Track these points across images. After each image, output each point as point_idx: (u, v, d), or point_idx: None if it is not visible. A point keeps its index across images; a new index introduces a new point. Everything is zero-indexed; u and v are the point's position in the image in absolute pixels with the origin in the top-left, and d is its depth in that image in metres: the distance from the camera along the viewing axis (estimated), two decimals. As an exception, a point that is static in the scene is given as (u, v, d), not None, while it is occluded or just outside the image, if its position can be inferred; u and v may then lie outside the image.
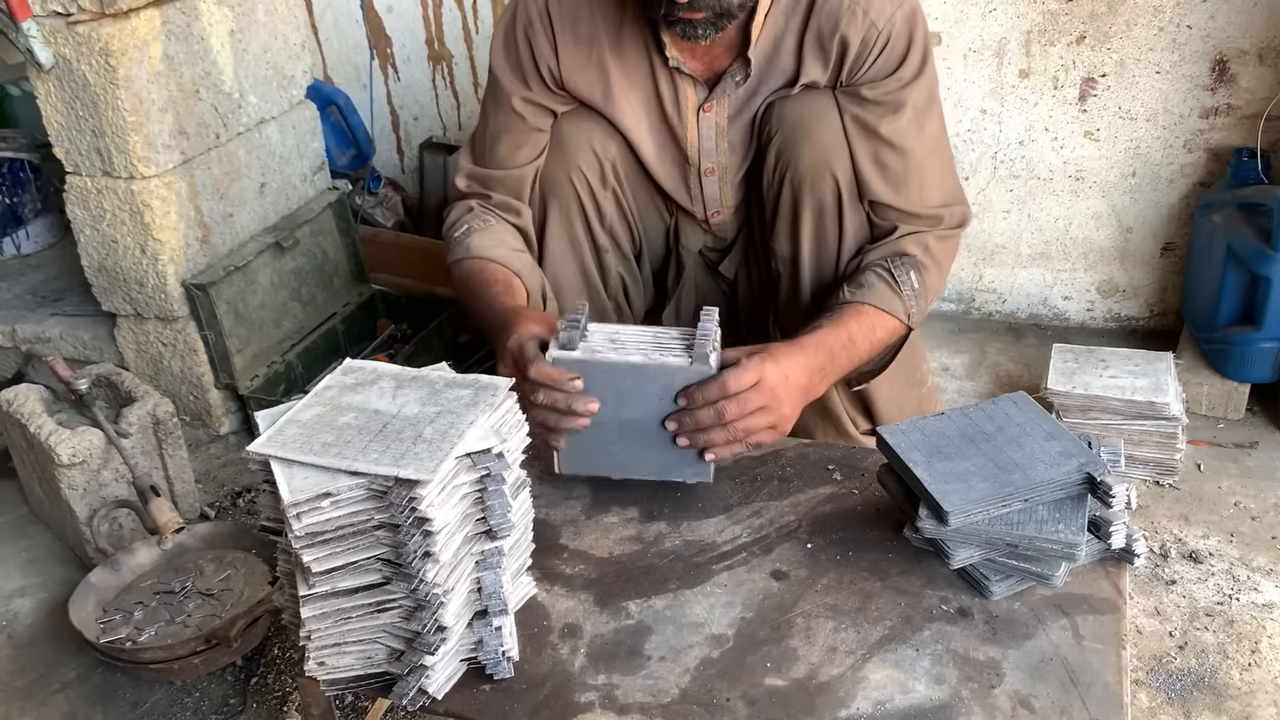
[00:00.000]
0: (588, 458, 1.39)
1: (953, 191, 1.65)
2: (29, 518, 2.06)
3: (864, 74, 1.56)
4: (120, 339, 2.28)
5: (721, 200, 1.75)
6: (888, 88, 1.57)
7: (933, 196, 1.61)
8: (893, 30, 1.54)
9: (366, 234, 2.70)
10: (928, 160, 1.61)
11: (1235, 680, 1.53)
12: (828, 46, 1.56)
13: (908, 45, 1.56)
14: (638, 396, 1.32)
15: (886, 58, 1.56)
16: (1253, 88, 2.23)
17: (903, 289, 1.55)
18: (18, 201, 2.73)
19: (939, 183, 1.63)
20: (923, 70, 1.58)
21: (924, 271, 1.58)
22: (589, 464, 1.40)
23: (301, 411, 1.16)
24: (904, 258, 1.57)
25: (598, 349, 1.32)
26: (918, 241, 1.59)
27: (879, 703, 1.08)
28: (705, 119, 1.66)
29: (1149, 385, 1.95)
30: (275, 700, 1.60)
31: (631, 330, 1.37)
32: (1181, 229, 2.38)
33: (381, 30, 2.91)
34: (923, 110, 1.59)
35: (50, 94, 2.02)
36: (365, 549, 1.08)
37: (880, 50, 1.55)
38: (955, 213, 1.64)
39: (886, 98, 1.57)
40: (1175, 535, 1.82)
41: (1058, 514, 1.18)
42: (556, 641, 1.20)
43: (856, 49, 1.55)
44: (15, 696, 1.65)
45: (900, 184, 1.59)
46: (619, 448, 1.36)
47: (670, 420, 1.33)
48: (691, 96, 1.64)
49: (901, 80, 1.57)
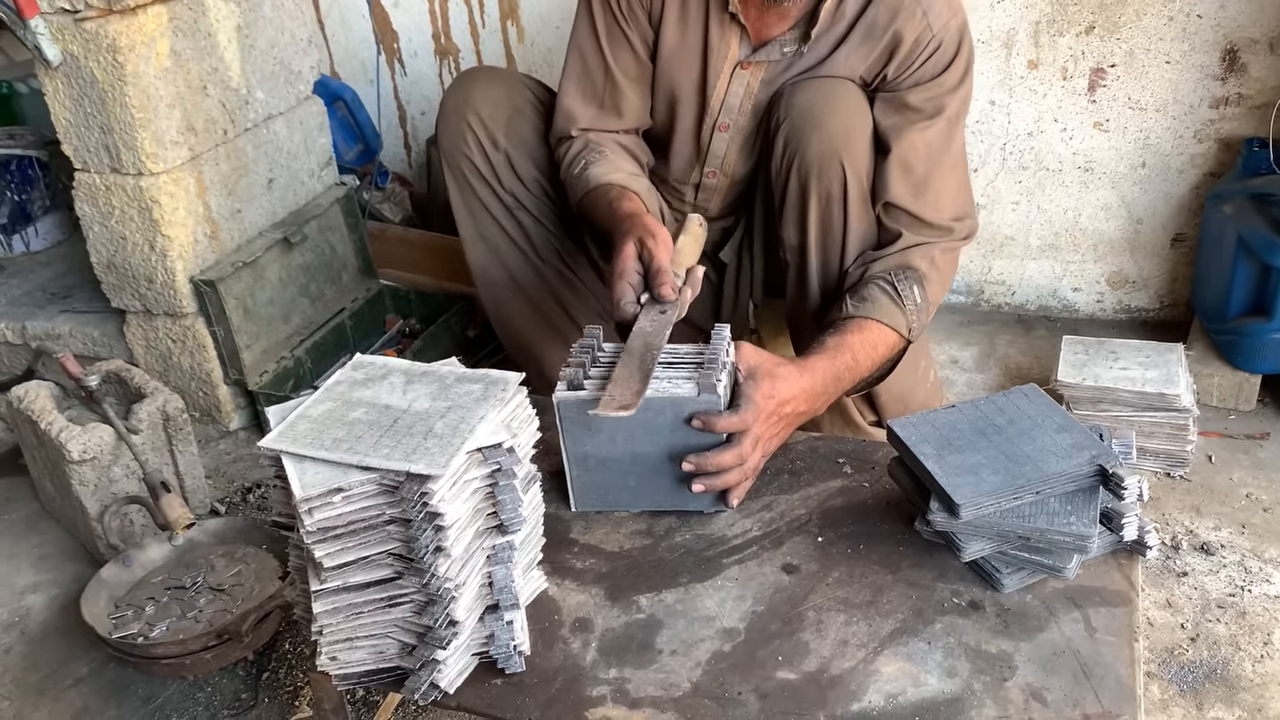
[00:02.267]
0: (603, 494, 1.37)
1: (966, 205, 1.67)
2: (40, 514, 2.07)
3: (911, 75, 1.58)
4: (129, 335, 2.28)
5: (724, 161, 1.76)
6: (929, 93, 1.58)
7: (947, 208, 1.62)
8: (945, 36, 1.56)
9: (374, 229, 2.70)
10: (950, 170, 1.62)
11: (1247, 672, 1.53)
12: (878, 38, 1.57)
13: (955, 53, 1.58)
14: (647, 430, 1.30)
15: (935, 62, 1.57)
16: (1263, 77, 2.22)
17: (906, 304, 1.55)
18: (27, 199, 2.73)
19: (955, 194, 1.63)
20: (964, 80, 1.60)
21: (928, 285, 1.59)
22: (604, 500, 1.38)
23: (312, 407, 1.16)
24: (909, 271, 1.58)
25: (606, 381, 1.30)
26: (924, 254, 1.60)
27: (891, 696, 1.08)
28: (740, 76, 1.66)
29: (1160, 377, 1.94)
30: (287, 695, 1.61)
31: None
32: (1192, 220, 2.37)
33: (388, 25, 2.91)
34: (954, 121, 1.61)
35: (58, 91, 2.03)
36: (377, 544, 1.08)
37: (931, 53, 1.57)
38: (965, 226, 1.65)
39: (926, 103, 1.58)
40: (1187, 527, 1.82)
41: (1069, 506, 1.18)
42: (568, 635, 1.20)
43: (909, 47, 1.56)
44: (29, 692, 1.65)
45: (921, 190, 1.60)
46: (634, 481, 1.35)
47: (688, 469, 1.31)
48: (734, 50, 1.65)
49: (944, 87, 1.58)
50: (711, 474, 1.30)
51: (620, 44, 1.72)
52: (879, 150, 1.62)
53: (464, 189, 1.84)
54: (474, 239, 1.89)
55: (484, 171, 1.80)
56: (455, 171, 1.83)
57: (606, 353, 1.36)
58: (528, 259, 1.88)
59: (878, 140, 1.62)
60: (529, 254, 1.87)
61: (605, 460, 1.34)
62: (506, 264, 1.89)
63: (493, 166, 1.80)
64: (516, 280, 1.89)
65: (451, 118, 1.80)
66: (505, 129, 1.79)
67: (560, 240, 1.89)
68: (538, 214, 1.85)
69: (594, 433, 1.32)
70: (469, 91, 1.80)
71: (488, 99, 1.79)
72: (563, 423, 1.32)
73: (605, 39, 1.72)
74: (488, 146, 1.79)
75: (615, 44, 1.72)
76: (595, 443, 1.33)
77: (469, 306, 2.51)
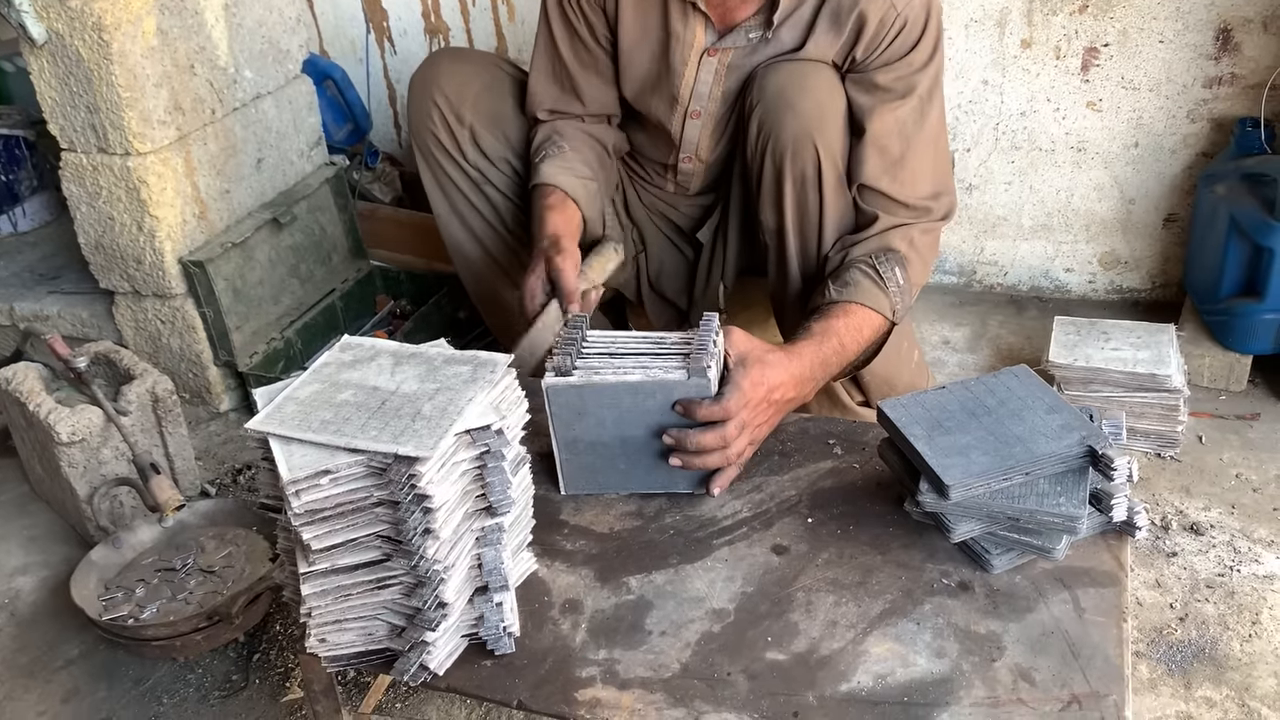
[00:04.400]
0: (592, 477, 1.38)
1: (943, 181, 1.66)
2: (30, 496, 2.06)
3: (878, 55, 1.57)
4: (118, 316, 2.27)
5: (698, 146, 1.76)
6: (898, 71, 1.57)
7: (924, 186, 1.62)
8: (910, 14, 1.55)
9: (364, 209, 2.69)
10: (925, 148, 1.61)
11: (1236, 651, 1.54)
12: (844, 21, 1.57)
13: (922, 30, 1.57)
14: (636, 414, 1.31)
15: (902, 41, 1.57)
16: (1257, 56, 2.21)
17: (889, 286, 1.55)
18: (14, 179, 2.71)
19: (931, 172, 1.63)
20: (933, 58, 1.59)
21: (909, 267, 1.59)
22: (594, 483, 1.39)
23: (300, 389, 1.16)
24: (889, 253, 1.58)
25: (595, 368, 1.31)
26: (903, 236, 1.60)
27: (880, 676, 1.09)
28: (707, 63, 1.66)
29: (1151, 357, 1.95)
30: (278, 676, 1.61)
31: (631, 337, 1.37)
32: (1184, 200, 2.37)
33: (378, 3, 2.89)
34: (926, 98, 1.60)
35: (44, 70, 2.01)
36: (365, 526, 1.08)
37: (898, 33, 1.56)
38: (943, 204, 1.65)
39: (896, 83, 1.58)
40: (1176, 507, 1.82)
41: (1059, 487, 1.18)
42: (557, 617, 1.20)
43: (874, 28, 1.55)
44: (19, 674, 1.65)
45: (896, 169, 1.60)
46: (623, 465, 1.36)
47: (668, 443, 1.32)
48: (700, 38, 1.65)
49: (912, 65, 1.57)
50: (691, 452, 1.30)
51: (573, 36, 1.76)
52: (853, 132, 1.62)
53: (432, 165, 1.86)
54: (446, 215, 1.91)
55: (449, 147, 1.82)
56: (422, 148, 1.86)
57: (591, 340, 1.36)
58: (498, 233, 1.89)
59: (852, 122, 1.61)
60: (499, 229, 1.89)
61: (594, 444, 1.34)
62: (480, 239, 1.91)
63: (458, 142, 1.82)
64: (491, 255, 1.90)
65: (418, 95, 1.83)
66: (472, 106, 1.81)
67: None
68: (505, 190, 1.87)
69: (583, 417, 1.32)
70: (435, 70, 1.83)
71: (453, 77, 1.81)
72: (551, 407, 1.32)
73: (558, 29, 1.76)
74: (453, 122, 1.81)
75: (570, 35, 1.76)
76: (584, 427, 1.33)
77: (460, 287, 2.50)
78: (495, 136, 1.83)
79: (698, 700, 1.08)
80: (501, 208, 1.87)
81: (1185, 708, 1.45)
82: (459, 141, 1.81)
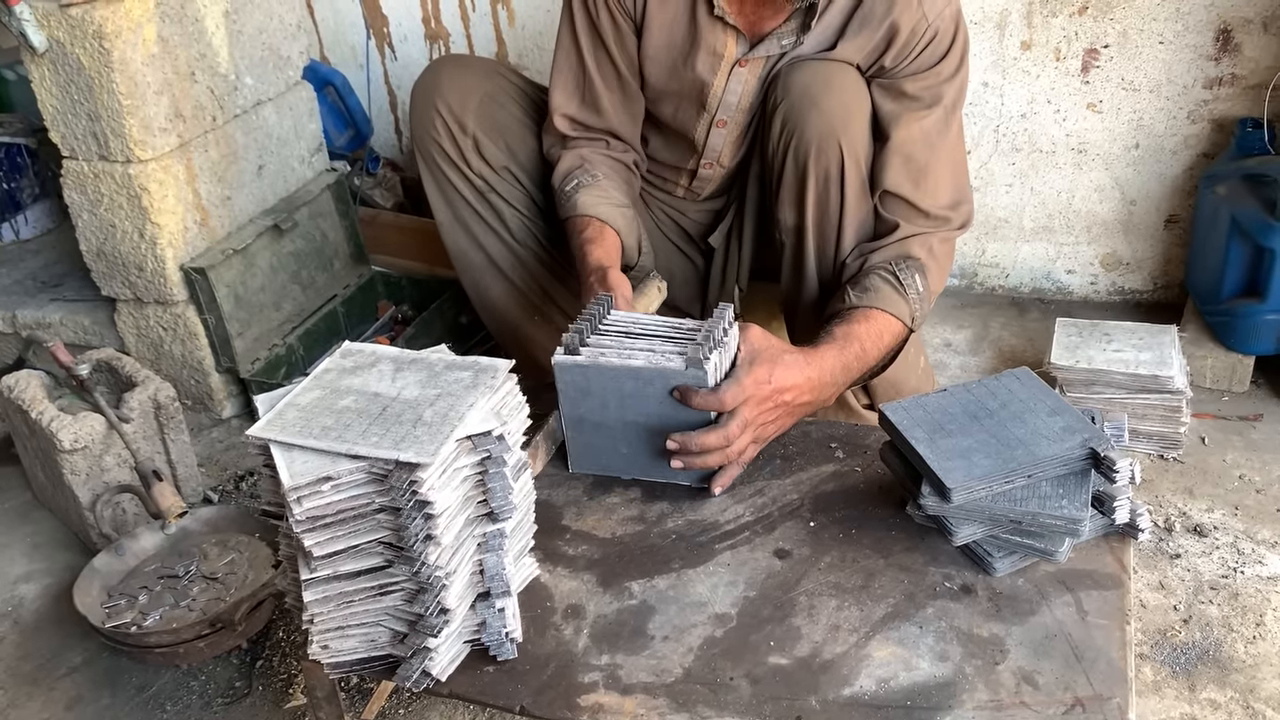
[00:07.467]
0: (597, 457, 1.40)
1: (962, 191, 1.67)
2: (32, 503, 2.06)
3: (908, 64, 1.58)
4: (120, 324, 2.27)
5: (721, 154, 1.77)
6: (927, 81, 1.58)
7: (945, 196, 1.62)
8: (941, 25, 1.56)
9: (365, 215, 2.69)
10: (947, 157, 1.62)
11: (1240, 653, 1.53)
12: (875, 28, 1.57)
13: (951, 42, 1.59)
14: (638, 399, 1.32)
15: (932, 51, 1.58)
16: (1257, 57, 2.21)
17: (909, 292, 1.55)
18: (15, 187, 2.71)
19: (952, 181, 1.64)
20: (959, 69, 1.61)
21: (928, 274, 1.59)
22: (600, 464, 1.41)
23: (301, 395, 1.16)
24: (909, 260, 1.58)
25: (605, 348, 1.32)
26: (922, 243, 1.60)
27: (883, 680, 1.08)
28: (738, 74, 1.66)
29: (1153, 359, 1.94)
30: (281, 683, 1.61)
31: (652, 320, 1.38)
32: (1185, 201, 2.37)
33: (378, 9, 2.89)
34: (951, 109, 1.61)
35: (45, 78, 2.01)
36: (366, 532, 1.08)
37: (928, 42, 1.57)
38: (961, 213, 1.65)
39: (924, 92, 1.59)
40: (1179, 509, 1.82)
41: (1061, 490, 1.18)
42: (560, 622, 1.20)
43: (905, 37, 1.56)
44: (22, 681, 1.65)
45: (920, 178, 1.60)
46: (626, 449, 1.38)
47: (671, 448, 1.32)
48: (731, 49, 1.65)
49: (940, 76, 1.58)
50: (694, 453, 1.31)
51: (600, 52, 1.74)
52: (876, 138, 1.62)
53: (435, 173, 1.86)
54: (449, 222, 1.90)
55: (452, 155, 1.82)
56: (425, 156, 1.85)
57: (612, 320, 1.37)
58: (503, 241, 1.89)
59: (875, 127, 1.61)
60: (504, 236, 1.88)
61: (599, 424, 1.37)
62: (484, 247, 1.90)
63: (461, 151, 1.82)
64: (495, 263, 1.90)
65: (420, 104, 1.82)
66: (475, 114, 1.80)
67: (534, 223, 1.89)
68: (509, 198, 1.86)
69: (588, 396, 1.34)
70: (437, 78, 1.82)
71: (456, 85, 1.81)
72: (559, 384, 1.35)
73: (585, 42, 1.74)
74: (455, 131, 1.80)
75: (595, 50, 1.75)
76: (589, 406, 1.36)
77: (462, 292, 2.50)
78: (498, 145, 1.83)
79: (700, 705, 1.07)
80: (505, 215, 1.87)
81: (1189, 710, 1.45)
82: (462, 150, 1.81)
